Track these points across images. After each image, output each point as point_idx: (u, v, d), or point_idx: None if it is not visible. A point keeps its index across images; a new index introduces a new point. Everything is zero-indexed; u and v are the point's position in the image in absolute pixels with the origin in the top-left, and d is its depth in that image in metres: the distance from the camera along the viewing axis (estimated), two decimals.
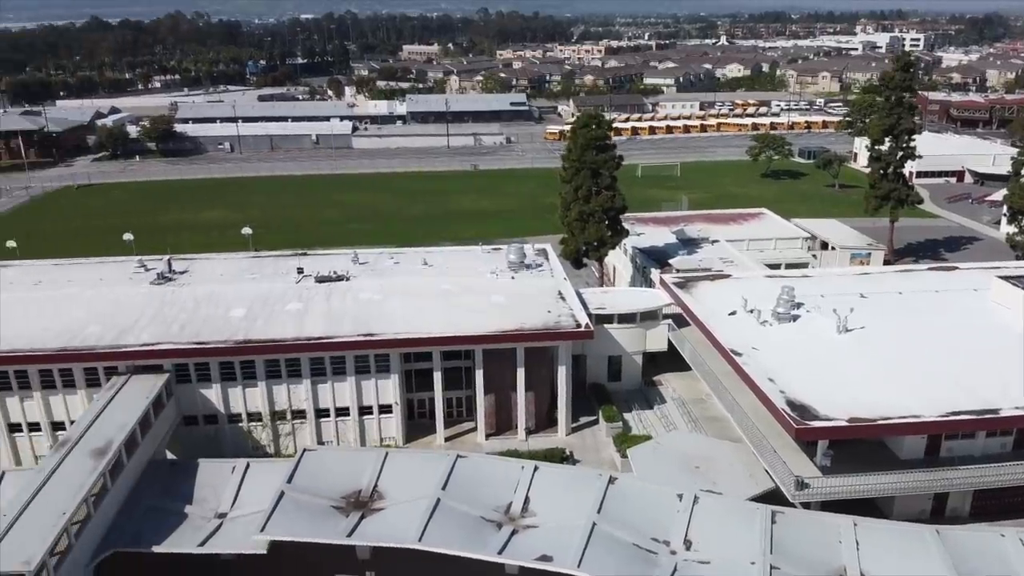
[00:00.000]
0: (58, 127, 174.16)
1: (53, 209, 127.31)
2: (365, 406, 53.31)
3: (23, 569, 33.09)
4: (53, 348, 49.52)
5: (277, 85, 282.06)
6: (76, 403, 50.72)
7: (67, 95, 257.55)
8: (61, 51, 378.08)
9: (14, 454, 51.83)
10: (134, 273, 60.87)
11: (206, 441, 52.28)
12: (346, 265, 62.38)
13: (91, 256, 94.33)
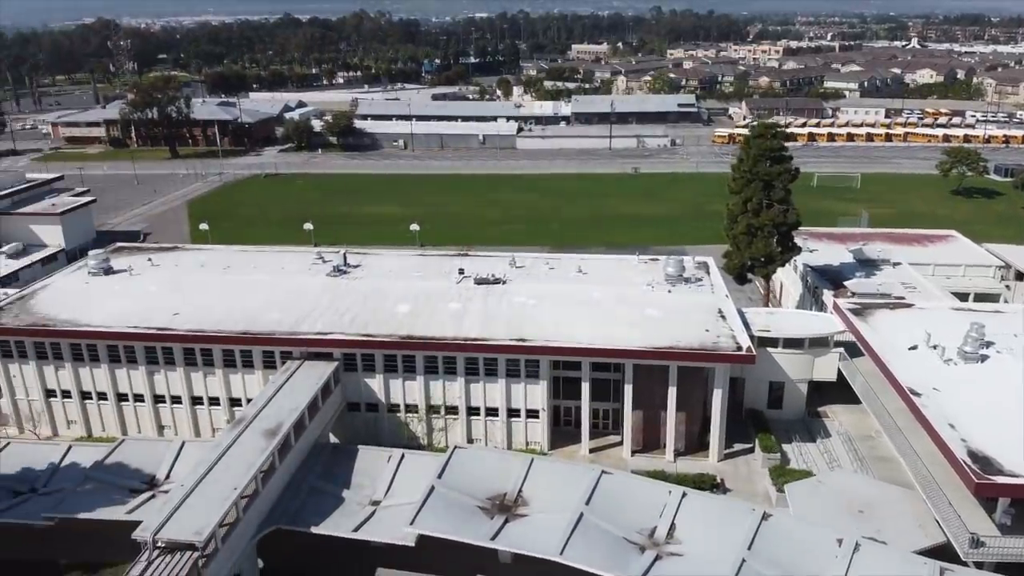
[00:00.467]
0: (250, 118, 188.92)
1: (242, 195, 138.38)
2: (513, 409, 54.03)
3: (194, 540, 36.15)
4: (237, 331, 53.79)
5: (450, 84, 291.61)
6: (253, 382, 54.83)
7: (259, 88, 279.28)
8: (256, 46, 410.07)
9: (194, 425, 56.81)
10: (312, 264, 64.89)
11: (366, 428, 55.06)
12: (504, 268, 63.42)
13: (273, 240, 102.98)
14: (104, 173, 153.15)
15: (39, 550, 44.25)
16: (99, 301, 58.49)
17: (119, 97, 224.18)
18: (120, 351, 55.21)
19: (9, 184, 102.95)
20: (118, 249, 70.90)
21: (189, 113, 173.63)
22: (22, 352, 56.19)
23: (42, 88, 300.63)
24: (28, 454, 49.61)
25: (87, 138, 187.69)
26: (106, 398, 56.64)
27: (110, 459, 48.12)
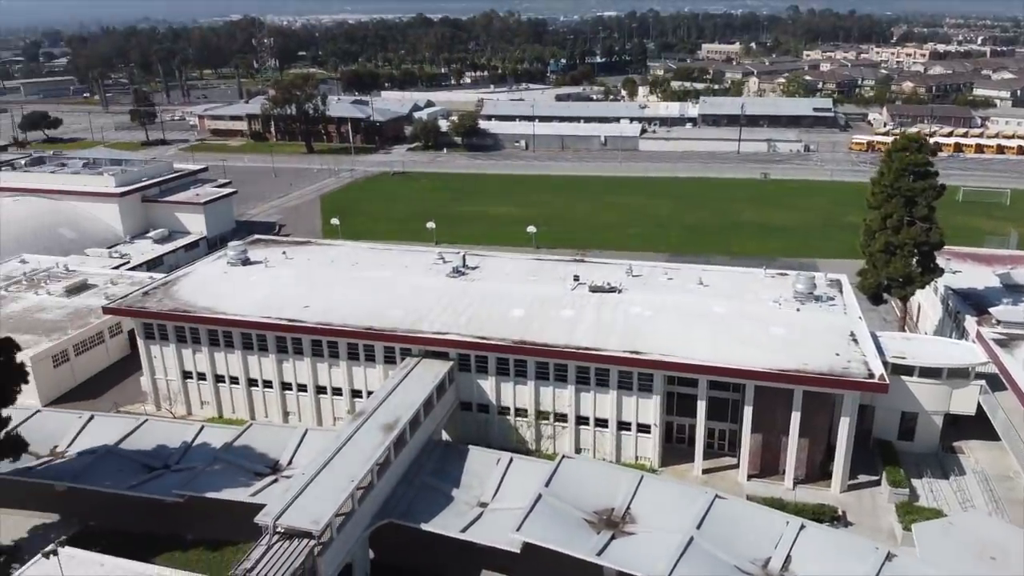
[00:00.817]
0: (381, 117, 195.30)
1: (371, 192, 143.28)
2: (624, 421, 53.29)
3: (312, 528, 37.65)
4: (362, 326, 55.68)
5: (574, 84, 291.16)
6: (374, 376, 56.68)
7: (391, 87, 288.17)
8: (389, 45, 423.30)
9: (317, 413, 59.25)
10: (433, 264, 66.31)
11: (477, 428, 55.82)
12: (620, 276, 62.58)
13: (397, 237, 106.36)
14: (244, 165, 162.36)
15: (169, 524, 47.29)
16: (235, 290, 61.96)
17: (261, 93, 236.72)
18: (253, 339, 58.35)
19: (159, 173, 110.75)
20: (255, 241, 74.90)
21: (325, 110, 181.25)
22: (163, 335, 60.33)
23: (191, 81, 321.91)
24: (163, 432, 53.32)
25: (230, 131, 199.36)
26: (237, 382, 60.01)
27: (238, 442, 51.01)
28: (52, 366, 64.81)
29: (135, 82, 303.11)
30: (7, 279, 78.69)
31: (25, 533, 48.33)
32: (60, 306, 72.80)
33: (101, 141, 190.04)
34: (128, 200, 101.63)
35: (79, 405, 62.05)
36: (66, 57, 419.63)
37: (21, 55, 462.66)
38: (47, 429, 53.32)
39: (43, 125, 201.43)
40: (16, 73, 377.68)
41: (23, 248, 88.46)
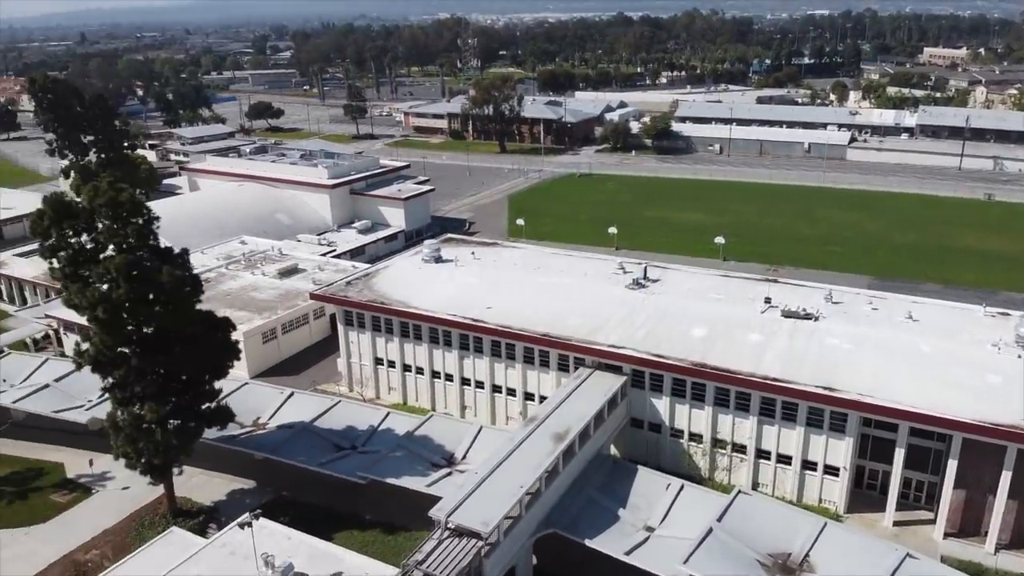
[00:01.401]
0: (573, 118, 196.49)
1: (557, 193, 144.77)
2: (809, 460, 50.02)
3: (481, 529, 38.51)
4: (539, 332, 56.33)
5: (778, 86, 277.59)
6: (547, 382, 57.22)
7: (585, 87, 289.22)
8: (587, 44, 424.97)
9: (491, 410, 60.72)
10: (613, 274, 65.74)
11: (647, 447, 54.73)
12: (817, 302, 58.73)
13: (579, 239, 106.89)
14: (442, 163, 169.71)
15: (350, 503, 50.39)
16: (427, 286, 64.85)
17: (462, 92, 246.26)
18: (439, 334, 60.84)
19: (366, 168, 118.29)
20: (448, 240, 78.01)
21: (520, 111, 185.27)
22: (361, 323, 64.36)
23: (399, 78, 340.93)
24: (353, 414, 56.88)
25: (431, 128, 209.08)
26: (422, 373, 62.87)
27: (419, 431, 53.43)
28: (261, 342, 71.13)
29: (350, 77, 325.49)
30: (228, 258, 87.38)
31: (224, 496, 53.42)
32: (272, 287, 79.71)
33: (317, 133, 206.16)
34: (338, 192, 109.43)
35: (281, 380, 67.71)
36: (290, 51, 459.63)
37: (251, 47, 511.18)
38: (252, 401, 58.63)
39: (267, 115, 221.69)
40: (246, 64, 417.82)
41: (244, 230, 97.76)
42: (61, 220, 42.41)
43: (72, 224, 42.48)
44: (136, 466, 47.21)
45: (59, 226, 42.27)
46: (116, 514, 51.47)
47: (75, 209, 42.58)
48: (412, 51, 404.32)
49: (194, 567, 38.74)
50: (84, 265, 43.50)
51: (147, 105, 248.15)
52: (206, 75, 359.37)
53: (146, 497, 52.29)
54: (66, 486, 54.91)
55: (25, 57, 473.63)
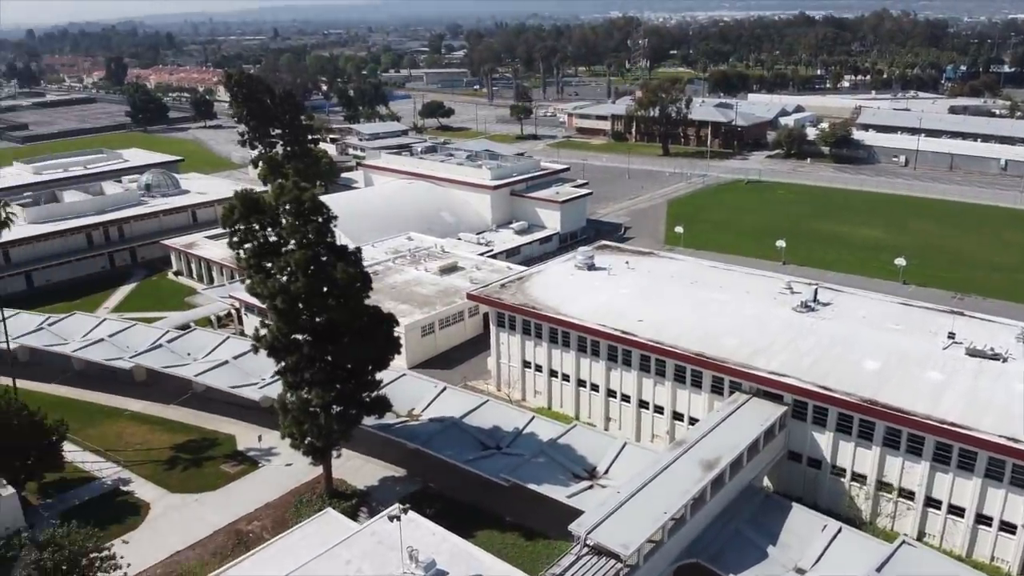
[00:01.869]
0: (744, 121, 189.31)
1: (720, 199, 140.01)
2: (985, 515, 45.45)
3: (621, 551, 37.88)
4: (692, 350, 54.66)
5: (973, 95, 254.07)
6: (698, 403, 55.46)
7: (759, 89, 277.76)
8: (763, 45, 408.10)
9: (637, 425, 59.67)
10: (779, 294, 62.65)
11: (803, 483, 51.82)
12: (1007, 340, 53.20)
13: (742, 251, 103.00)
14: (602, 164, 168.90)
15: (492, 502, 51.26)
16: (578, 294, 64.69)
17: (628, 93, 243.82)
18: (587, 343, 60.53)
19: (527, 170, 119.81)
20: (602, 247, 77.48)
21: (687, 114, 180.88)
22: (512, 325, 65.21)
23: (566, 78, 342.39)
24: (500, 415, 57.83)
25: (594, 130, 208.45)
26: (568, 380, 62.82)
27: (562, 439, 53.47)
28: (420, 335, 73.82)
29: (518, 77, 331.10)
30: (395, 253, 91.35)
31: (376, 482, 55.88)
32: (433, 283, 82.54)
33: (483, 133, 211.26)
34: (499, 193, 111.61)
35: (435, 373, 69.97)
36: (463, 50, 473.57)
37: (427, 46, 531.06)
38: (408, 392, 61.01)
39: (438, 114, 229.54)
40: (421, 63, 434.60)
41: (411, 226, 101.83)
42: (249, 214, 45.85)
43: (259, 218, 45.83)
44: (299, 447, 50.34)
45: (247, 220, 45.74)
46: (278, 489, 55.17)
47: (262, 205, 45.89)
48: (581, 51, 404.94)
49: (345, 551, 40.68)
50: (267, 257, 46.82)
51: (330, 100, 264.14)
52: (384, 72, 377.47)
53: (306, 475, 55.66)
54: (236, 458, 59.50)
55: (223, 50, 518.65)
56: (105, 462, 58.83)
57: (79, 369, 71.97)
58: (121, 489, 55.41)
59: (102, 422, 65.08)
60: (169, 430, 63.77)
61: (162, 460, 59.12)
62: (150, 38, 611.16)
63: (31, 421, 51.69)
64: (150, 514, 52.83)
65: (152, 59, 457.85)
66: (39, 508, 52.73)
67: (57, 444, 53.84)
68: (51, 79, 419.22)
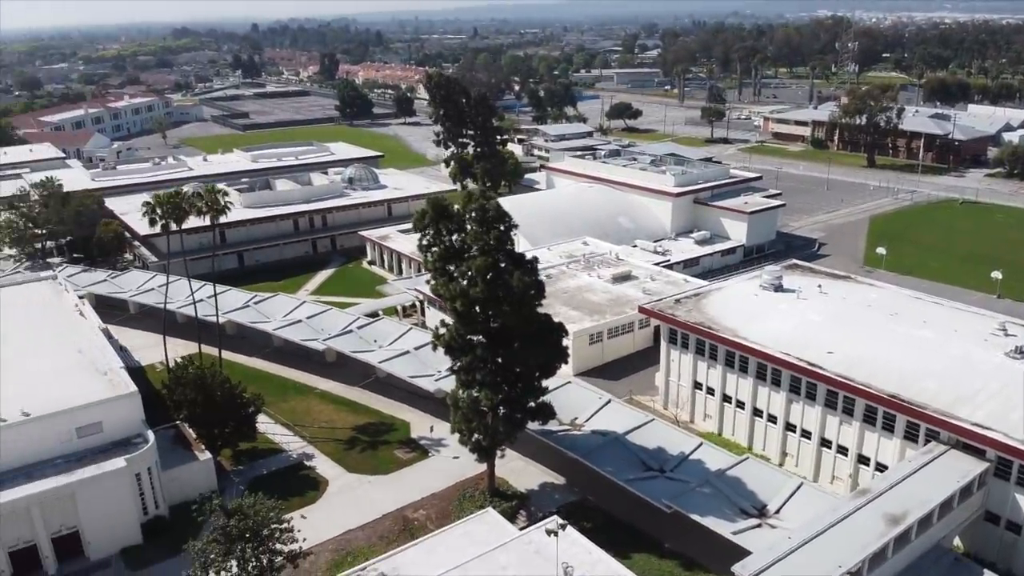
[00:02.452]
0: (962, 135, 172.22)
1: (930, 219, 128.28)
2: None
3: None
4: (886, 391, 50.43)
5: None
6: (888, 448, 51.21)
7: (981, 100, 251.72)
8: (989, 50, 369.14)
9: (816, 464, 55.98)
10: (991, 335, 56.22)
11: (1000, 548, 46.61)
12: None
13: (951, 279, 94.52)
14: (798, 173, 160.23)
15: (650, 525, 50.19)
16: (761, 317, 61.62)
17: (831, 98, 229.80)
18: (767, 371, 57.54)
19: (715, 178, 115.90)
20: (791, 266, 73.30)
21: (898, 123, 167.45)
22: (685, 343, 63.33)
23: (764, 79, 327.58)
24: (665, 436, 56.37)
25: (791, 135, 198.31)
26: (743, 407, 60.13)
27: (732, 471, 51.26)
28: (587, 343, 73.64)
29: (712, 78, 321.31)
30: (570, 257, 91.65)
31: (536, 486, 56.44)
32: (605, 290, 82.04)
33: (670, 135, 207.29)
34: (682, 200, 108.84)
35: (601, 383, 69.57)
36: (657, 50, 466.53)
37: (620, 46, 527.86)
38: (572, 400, 61.07)
39: (625, 115, 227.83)
40: (613, 63, 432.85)
41: (587, 231, 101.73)
42: (439, 219, 47.69)
43: (446, 224, 47.55)
44: (467, 443, 51.84)
45: (436, 224, 47.60)
46: (444, 479, 57.20)
47: (451, 211, 47.57)
48: (783, 51, 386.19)
49: (503, 555, 41.37)
50: (451, 260, 48.52)
51: (521, 100, 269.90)
52: (575, 72, 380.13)
53: (471, 470, 57.21)
54: (409, 444, 62.34)
55: (426, 48, 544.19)
56: (293, 436, 63.69)
57: (278, 346, 78.37)
58: (305, 464, 59.72)
59: (294, 397, 70.50)
60: (352, 411, 67.97)
61: (343, 440, 63.07)
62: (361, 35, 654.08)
63: (232, 393, 56.93)
64: (328, 490, 56.55)
65: (361, 56, 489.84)
66: (231, 474, 57.95)
67: (253, 416, 58.95)
68: (271, 71, 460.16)
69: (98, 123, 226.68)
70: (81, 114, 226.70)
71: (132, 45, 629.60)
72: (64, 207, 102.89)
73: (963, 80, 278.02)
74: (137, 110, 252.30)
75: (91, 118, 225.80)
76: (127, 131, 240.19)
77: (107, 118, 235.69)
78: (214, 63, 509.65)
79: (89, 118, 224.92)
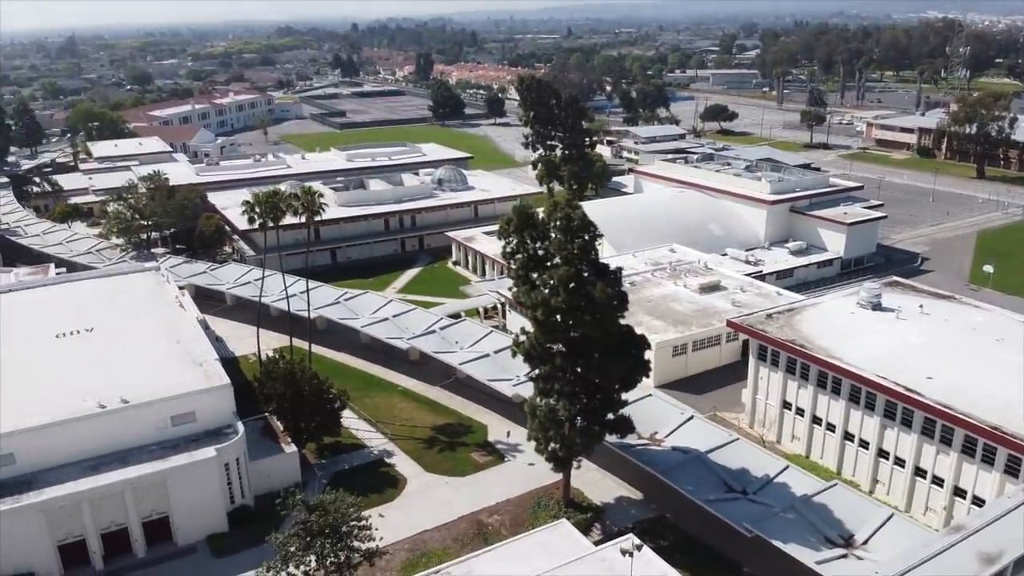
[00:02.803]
0: None
1: None
2: None
3: None
4: (988, 422, 47.63)
5: None
6: (986, 481, 48.36)
7: None
8: None
9: (908, 494, 53.30)
10: None
11: None
12: None
13: None
14: (902, 182, 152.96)
15: (730, 547, 48.67)
16: (857, 336, 59.03)
17: (940, 104, 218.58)
18: (861, 394, 55.08)
19: (813, 186, 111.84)
20: (892, 283, 69.93)
21: (1010, 133, 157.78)
22: (775, 361, 61.21)
23: (869, 83, 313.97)
24: (750, 456, 54.57)
25: (896, 142, 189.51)
26: (833, 430, 57.75)
27: (818, 497, 49.25)
28: (671, 355, 72.18)
29: (813, 80, 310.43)
30: (656, 264, 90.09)
31: (612, 499, 55.71)
32: (691, 300, 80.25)
33: (767, 139, 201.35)
34: (777, 208, 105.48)
35: (684, 397, 68.18)
36: (756, 50, 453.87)
37: (718, 45, 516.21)
38: (652, 414, 59.87)
39: (720, 117, 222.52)
40: (710, 63, 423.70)
41: (675, 237, 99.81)
42: (523, 227, 47.63)
43: (531, 232, 47.45)
44: (543, 452, 51.62)
45: (520, 232, 47.56)
46: (520, 486, 57.13)
47: (535, 220, 47.45)
48: (890, 54, 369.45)
49: (576, 570, 40.94)
50: (534, 269, 48.39)
51: (612, 101, 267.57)
52: (670, 73, 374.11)
53: (547, 478, 56.90)
54: (485, 448, 62.62)
55: (519, 48, 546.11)
56: (375, 432, 64.98)
57: (365, 342, 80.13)
58: (385, 461, 60.79)
59: (378, 394, 71.95)
60: (432, 410, 68.84)
61: (422, 438, 63.93)
62: (456, 35, 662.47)
63: (320, 389, 58.49)
64: (406, 489, 57.37)
65: (456, 55, 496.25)
66: (315, 467, 59.55)
67: (338, 412, 60.43)
68: (368, 71, 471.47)
69: (204, 119, 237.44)
70: (188, 109, 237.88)
71: (238, 43, 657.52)
72: (169, 200, 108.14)
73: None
74: (241, 107, 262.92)
75: (197, 114, 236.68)
76: (231, 127, 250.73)
77: (212, 114, 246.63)
78: (315, 62, 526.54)
79: (195, 113, 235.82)
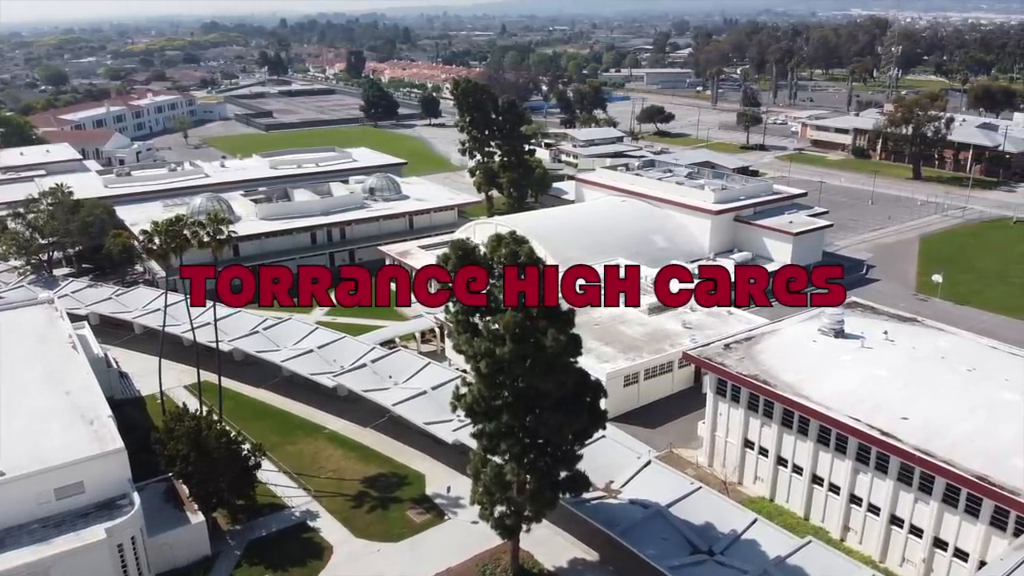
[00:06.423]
0: (1014, 147, 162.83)
1: (984, 240, 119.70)
2: None
3: None
4: (972, 471, 43.53)
5: None
6: (970, 535, 44.50)
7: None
8: None
9: (883, 545, 49.19)
10: None
11: None
12: None
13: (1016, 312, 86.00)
14: (840, 185, 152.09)
15: None
16: (823, 369, 54.78)
17: (871, 103, 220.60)
18: (831, 436, 50.71)
19: (757, 194, 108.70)
20: (852, 305, 66.16)
21: (946, 134, 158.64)
22: (735, 397, 56.50)
23: (800, 82, 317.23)
24: (714, 509, 49.52)
25: (831, 143, 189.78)
26: (800, 473, 53.37)
27: (792, 559, 44.47)
28: (622, 384, 67.20)
29: (747, 80, 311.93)
30: None
31: (565, 563, 50.16)
32: (640, 323, 75.44)
33: (705, 141, 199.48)
34: (722, 218, 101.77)
35: (637, 431, 63.40)
36: (688, 49, 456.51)
37: (651, 44, 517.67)
38: (607, 458, 54.40)
39: (657, 119, 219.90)
40: (644, 62, 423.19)
41: (620, 250, 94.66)
42: (462, 265, 41.50)
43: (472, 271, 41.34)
44: (488, 519, 45.84)
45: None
46: (461, 552, 51.04)
47: (477, 257, 41.38)
48: (819, 53, 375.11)
49: None
50: (475, 312, 42.35)
51: (549, 101, 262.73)
52: (605, 71, 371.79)
53: (492, 540, 50.67)
54: (423, 504, 56.24)
55: (454, 46, 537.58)
56: (296, 488, 58.01)
57: (287, 375, 72.89)
58: (308, 524, 53.89)
59: (302, 439, 64.91)
60: (363, 457, 62.20)
61: (351, 494, 57.19)
62: (389, 31, 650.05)
63: (230, 448, 51.31)
64: (332, 559, 50.62)
65: (388, 53, 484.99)
66: (227, 535, 52.33)
67: (253, 471, 53.33)
68: (297, 68, 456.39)
69: (119, 122, 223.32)
70: (103, 112, 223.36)
71: (161, 39, 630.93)
72: (73, 216, 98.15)
73: (1008, 86, 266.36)
74: (160, 108, 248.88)
75: (112, 116, 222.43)
76: (149, 130, 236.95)
77: (129, 116, 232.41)
78: (241, 59, 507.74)
79: (111, 116, 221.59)
